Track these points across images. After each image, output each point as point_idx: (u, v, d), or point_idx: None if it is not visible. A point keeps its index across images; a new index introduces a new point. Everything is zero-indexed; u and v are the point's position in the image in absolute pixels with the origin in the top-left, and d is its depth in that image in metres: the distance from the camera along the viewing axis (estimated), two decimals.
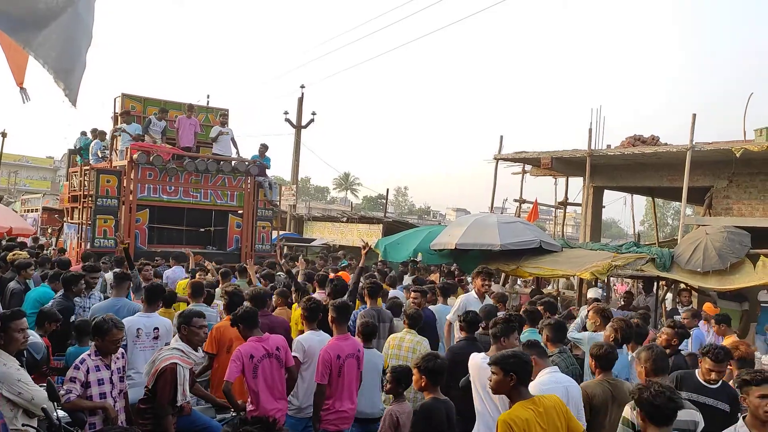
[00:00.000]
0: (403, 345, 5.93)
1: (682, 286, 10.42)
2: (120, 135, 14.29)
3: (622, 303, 10.92)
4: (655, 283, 11.98)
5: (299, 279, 8.65)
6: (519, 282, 15.85)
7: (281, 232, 24.03)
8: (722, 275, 9.47)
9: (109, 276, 9.13)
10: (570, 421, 3.63)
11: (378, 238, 18.03)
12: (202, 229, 14.87)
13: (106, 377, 4.56)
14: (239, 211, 14.90)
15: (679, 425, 3.67)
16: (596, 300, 9.25)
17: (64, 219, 15.68)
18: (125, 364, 4.91)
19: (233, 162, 14.64)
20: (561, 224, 18.55)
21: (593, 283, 11.60)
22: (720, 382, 4.72)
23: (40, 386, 4.22)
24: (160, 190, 13.83)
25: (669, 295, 12.88)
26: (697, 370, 4.85)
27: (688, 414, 3.90)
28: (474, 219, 12.03)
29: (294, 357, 5.17)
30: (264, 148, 15.40)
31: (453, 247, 11.19)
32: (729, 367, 5.14)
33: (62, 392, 4.38)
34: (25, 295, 7.58)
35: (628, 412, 3.78)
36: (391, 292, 9.25)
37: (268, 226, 15.51)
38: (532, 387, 3.84)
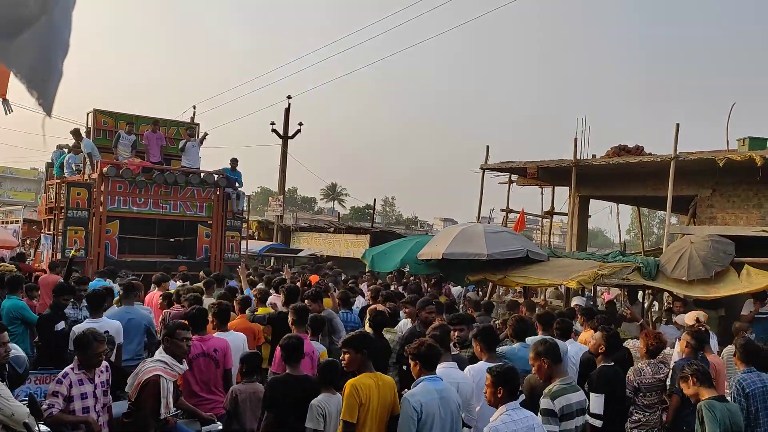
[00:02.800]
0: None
1: (666, 295, 10.47)
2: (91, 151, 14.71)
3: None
4: (641, 292, 12.04)
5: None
6: (511, 292, 15.91)
7: (268, 243, 24.00)
8: (707, 284, 9.53)
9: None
10: (396, 400, 4.29)
11: (365, 248, 18.02)
12: (172, 239, 15.32)
13: (89, 391, 4.50)
14: (208, 222, 15.39)
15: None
16: (581, 306, 9.31)
17: (42, 230, 15.87)
18: (109, 377, 4.85)
19: (202, 174, 15.14)
20: (547, 234, 18.64)
21: (580, 292, 11.64)
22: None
23: (22, 401, 4.15)
24: (130, 202, 14.33)
25: (655, 304, 12.96)
26: None
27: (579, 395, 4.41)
28: (461, 229, 12.03)
29: None
30: (234, 162, 15.99)
31: (440, 257, 11.19)
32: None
33: (44, 407, 4.32)
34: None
35: (547, 402, 4.17)
36: None
37: (237, 235, 16.00)
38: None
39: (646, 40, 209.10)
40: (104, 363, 4.72)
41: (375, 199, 32.64)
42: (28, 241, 19.02)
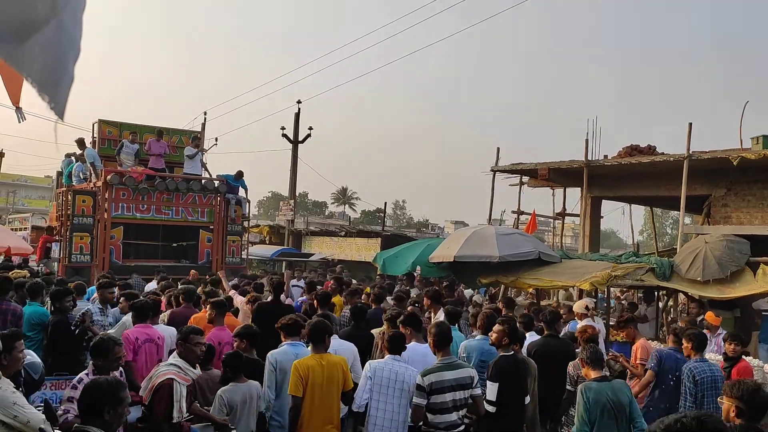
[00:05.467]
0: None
1: (681, 296, 10.38)
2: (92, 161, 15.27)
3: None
4: (656, 293, 11.94)
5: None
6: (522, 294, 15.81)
7: (279, 248, 24.05)
8: (722, 284, 9.43)
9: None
10: (347, 376, 5.08)
11: (376, 251, 18.00)
12: (175, 244, 15.73)
13: None
14: (210, 227, 15.84)
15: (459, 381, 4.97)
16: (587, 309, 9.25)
17: (55, 236, 16.21)
18: (125, 383, 4.84)
19: (203, 181, 15.63)
20: (559, 235, 18.54)
21: (593, 293, 11.56)
22: None
23: (37, 407, 4.16)
24: (134, 209, 14.80)
25: (670, 304, 12.83)
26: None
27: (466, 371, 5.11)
28: (472, 231, 12.01)
29: None
30: (239, 174, 16.49)
31: (451, 260, 11.16)
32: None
33: (60, 412, 4.32)
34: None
35: (419, 378, 4.89)
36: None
37: (238, 240, 16.45)
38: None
39: (657, 38, 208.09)
40: (120, 369, 4.73)
41: (386, 203, 32.59)
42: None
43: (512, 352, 5.60)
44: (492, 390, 5.27)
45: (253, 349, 5.74)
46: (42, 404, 4.41)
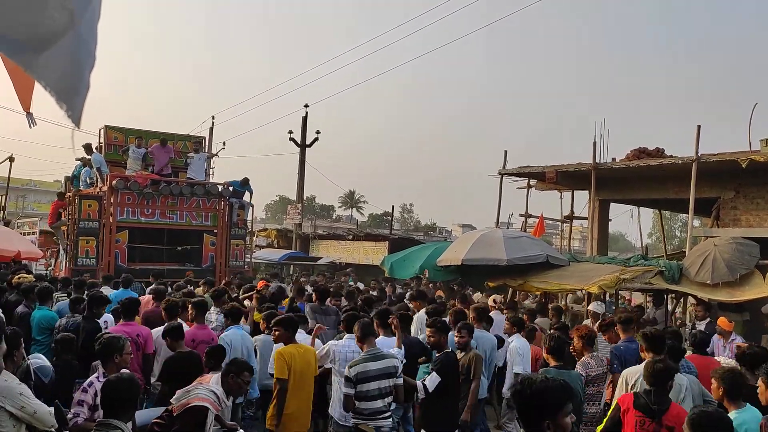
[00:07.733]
0: None
1: (692, 300, 10.33)
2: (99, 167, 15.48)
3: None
4: (665, 296, 11.88)
5: None
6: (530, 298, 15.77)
7: (287, 251, 24.10)
8: (732, 287, 9.38)
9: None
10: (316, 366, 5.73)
11: (384, 255, 18.01)
12: (179, 248, 15.87)
13: None
14: (214, 231, 16.00)
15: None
16: (596, 313, 9.23)
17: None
18: None
19: (207, 185, 15.79)
20: (567, 238, 18.48)
21: (602, 297, 11.52)
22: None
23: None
24: (139, 213, 15.00)
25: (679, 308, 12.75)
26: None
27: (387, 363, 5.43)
28: (480, 234, 11.99)
29: None
30: (246, 181, 16.62)
31: (459, 263, 11.15)
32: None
33: (70, 415, 4.34)
34: (30, 319, 7.56)
35: (346, 370, 5.26)
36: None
37: (242, 243, 16.60)
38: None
39: (664, 41, 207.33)
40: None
41: (393, 206, 32.74)
42: (49, 252, 19.42)
43: (450, 349, 6.01)
44: (433, 381, 5.60)
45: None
46: (52, 407, 4.42)
